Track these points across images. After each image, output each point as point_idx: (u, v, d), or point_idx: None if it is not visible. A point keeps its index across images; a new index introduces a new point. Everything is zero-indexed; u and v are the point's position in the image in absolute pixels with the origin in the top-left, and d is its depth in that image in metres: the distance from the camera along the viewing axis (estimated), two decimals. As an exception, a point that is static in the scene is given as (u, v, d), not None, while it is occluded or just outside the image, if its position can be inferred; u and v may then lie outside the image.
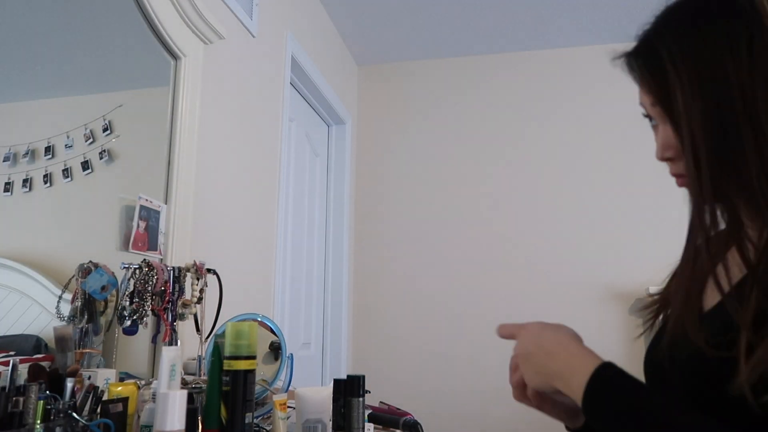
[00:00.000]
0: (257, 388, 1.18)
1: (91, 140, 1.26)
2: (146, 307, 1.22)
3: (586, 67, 3.13)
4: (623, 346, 2.81)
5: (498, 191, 3.14)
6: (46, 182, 1.15)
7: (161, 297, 1.27)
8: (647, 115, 0.68)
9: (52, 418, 0.91)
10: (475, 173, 3.20)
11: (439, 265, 3.13)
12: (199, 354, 1.35)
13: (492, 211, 3.12)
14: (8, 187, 1.08)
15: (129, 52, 1.44)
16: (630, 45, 0.71)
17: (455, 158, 3.25)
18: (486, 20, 2.95)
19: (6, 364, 0.92)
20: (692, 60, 0.60)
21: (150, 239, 1.36)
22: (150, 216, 1.36)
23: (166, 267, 1.31)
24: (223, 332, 0.95)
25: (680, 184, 0.66)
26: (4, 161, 1.07)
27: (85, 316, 1.19)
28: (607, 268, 2.93)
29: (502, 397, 2.92)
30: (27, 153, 1.11)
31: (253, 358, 0.94)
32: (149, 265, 1.25)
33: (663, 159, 0.67)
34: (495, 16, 2.91)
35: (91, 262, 1.21)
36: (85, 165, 1.24)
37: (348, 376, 1.11)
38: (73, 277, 1.18)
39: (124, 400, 0.95)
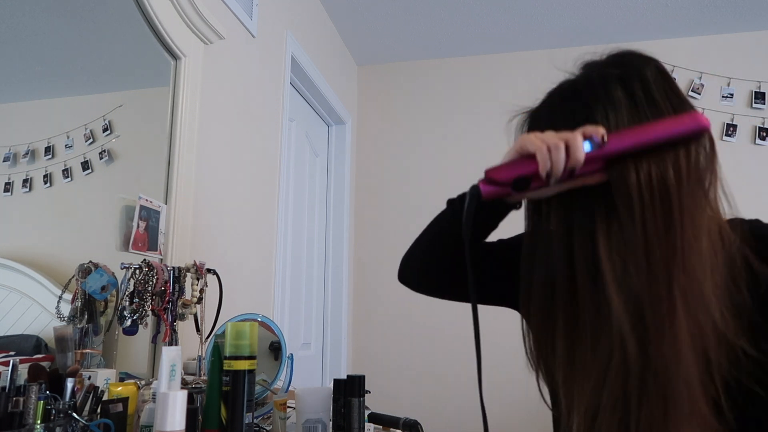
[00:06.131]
0: (257, 388, 1.18)
1: (91, 140, 1.26)
2: (146, 307, 1.22)
3: (586, 67, 3.13)
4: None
5: (498, 191, 3.14)
6: (46, 182, 1.15)
7: (161, 297, 1.27)
8: None
9: (52, 418, 0.91)
10: (476, 173, 3.20)
11: (439, 265, 3.12)
12: (199, 354, 1.35)
13: (492, 211, 3.12)
14: (8, 187, 1.08)
15: (129, 52, 1.44)
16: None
17: (455, 158, 3.25)
18: (485, 20, 2.95)
19: (6, 364, 0.92)
20: None
21: (150, 239, 1.36)
22: (150, 216, 1.36)
23: (166, 267, 1.31)
24: (223, 332, 0.95)
25: None
26: (4, 161, 1.07)
27: (85, 316, 1.19)
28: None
29: (502, 396, 2.92)
30: (27, 153, 1.11)
31: (253, 358, 0.94)
32: (149, 265, 1.25)
33: None
34: (495, 17, 2.91)
35: (91, 262, 1.21)
36: (85, 165, 1.24)
37: (348, 376, 1.11)
38: (73, 277, 1.18)
39: (124, 400, 0.95)
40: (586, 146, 0.66)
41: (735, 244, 0.66)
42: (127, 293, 1.20)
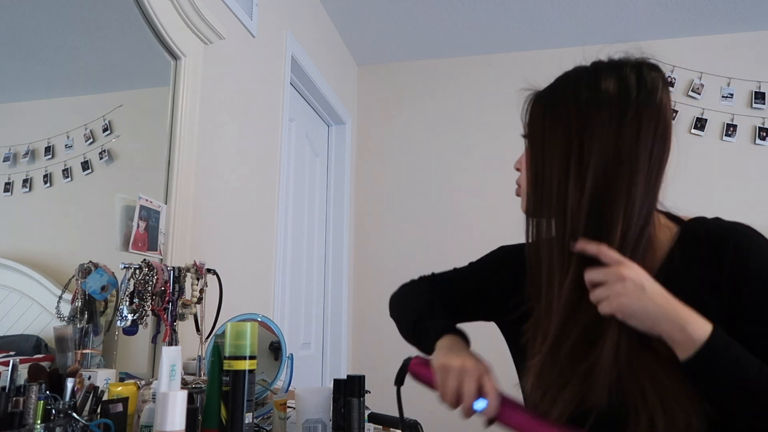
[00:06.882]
0: (257, 388, 1.18)
1: (91, 140, 1.26)
2: (146, 307, 1.22)
3: (586, 67, 3.12)
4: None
5: (498, 190, 3.14)
6: (46, 182, 1.15)
7: (161, 297, 1.27)
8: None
9: (52, 418, 0.91)
10: (475, 173, 3.20)
11: (439, 264, 3.11)
12: (199, 354, 1.35)
13: (493, 210, 3.12)
14: (8, 187, 1.08)
15: (129, 52, 1.44)
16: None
17: (455, 158, 3.24)
18: (485, 20, 2.95)
19: (6, 364, 0.92)
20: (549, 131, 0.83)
21: (150, 239, 1.36)
22: (150, 216, 1.36)
23: (166, 267, 1.30)
24: (223, 332, 0.95)
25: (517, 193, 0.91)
26: (4, 161, 1.07)
27: (85, 316, 1.19)
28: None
29: (502, 397, 2.91)
30: (27, 153, 1.11)
31: (254, 358, 0.94)
32: (149, 265, 1.25)
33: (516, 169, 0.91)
34: (494, 17, 2.91)
35: (91, 262, 1.21)
36: (85, 165, 1.24)
37: (348, 376, 1.11)
38: (73, 277, 1.18)
39: (124, 400, 0.95)
40: (479, 405, 0.78)
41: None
42: (127, 293, 1.20)
